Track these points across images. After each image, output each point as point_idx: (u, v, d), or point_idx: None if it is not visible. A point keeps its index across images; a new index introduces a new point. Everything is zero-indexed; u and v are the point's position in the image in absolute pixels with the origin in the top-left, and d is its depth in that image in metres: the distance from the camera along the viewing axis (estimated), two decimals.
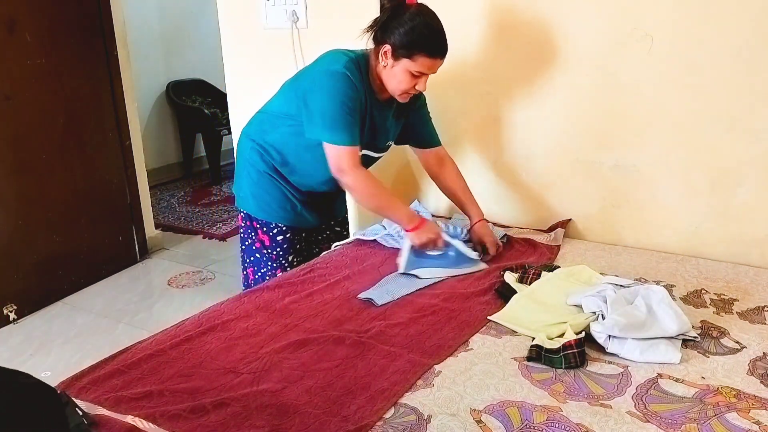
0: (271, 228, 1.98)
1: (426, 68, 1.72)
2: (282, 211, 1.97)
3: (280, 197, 1.95)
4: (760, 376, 1.26)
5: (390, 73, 1.74)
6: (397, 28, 1.69)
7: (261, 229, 1.99)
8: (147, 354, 1.36)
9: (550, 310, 1.50)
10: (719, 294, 1.63)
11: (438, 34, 1.71)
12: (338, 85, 1.71)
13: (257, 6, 2.53)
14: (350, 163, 1.74)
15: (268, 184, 1.95)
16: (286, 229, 1.99)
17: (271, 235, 1.98)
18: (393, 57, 1.71)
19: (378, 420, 1.14)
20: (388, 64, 1.73)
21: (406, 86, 1.75)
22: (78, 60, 3.07)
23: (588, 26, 1.95)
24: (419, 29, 1.68)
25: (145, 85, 4.68)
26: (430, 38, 1.69)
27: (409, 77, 1.73)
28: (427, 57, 1.69)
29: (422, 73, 1.73)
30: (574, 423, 1.12)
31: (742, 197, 1.86)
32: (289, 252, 2.02)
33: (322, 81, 1.74)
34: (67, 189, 3.08)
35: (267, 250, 2.00)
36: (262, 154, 1.93)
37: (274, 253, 2.00)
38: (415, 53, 1.68)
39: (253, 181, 1.96)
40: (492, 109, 2.20)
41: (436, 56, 1.71)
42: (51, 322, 2.87)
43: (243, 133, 2.02)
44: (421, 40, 1.68)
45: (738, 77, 1.78)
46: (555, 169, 2.13)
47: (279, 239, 1.99)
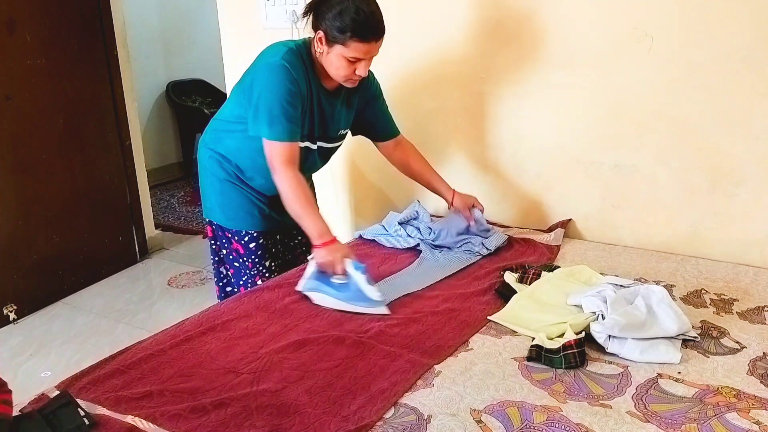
0: (242, 236, 1.90)
1: (361, 53, 1.63)
2: (249, 218, 1.89)
3: (245, 203, 1.88)
4: (760, 376, 1.26)
5: (327, 60, 1.67)
6: (326, 12, 1.62)
7: (233, 238, 1.91)
8: (147, 354, 1.36)
9: (550, 310, 1.50)
10: (719, 294, 1.63)
11: (369, 15, 1.62)
12: (275, 77, 1.65)
13: (257, 6, 2.53)
14: (282, 159, 1.67)
15: (232, 191, 1.87)
16: (258, 234, 1.90)
17: (243, 243, 1.91)
18: (327, 43, 1.65)
19: (378, 420, 1.14)
20: (324, 51, 1.66)
21: (345, 72, 1.67)
22: (78, 60, 3.07)
23: (588, 26, 1.95)
24: (348, 13, 1.59)
25: (145, 85, 4.68)
26: (360, 22, 1.60)
27: (347, 63, 1.65)
28: (360, 41, 1.61)
29: (359, 58, 1.65)
30: (574, 423, 1.12)
31: (742, 197, 1.86)
32: (265, 257, 1.93)
33: (261, 75, 1.68)
34: (67, 189, 3.08)
35: (243, 259, 1.92)
36: (220, 162, 1.87)
37: (249, 261, 1.92)
38: (347, 39, 1.61)
39: (217, 190, 1.90)
40: (492, 109, 2.19)
41: (369, 40, 1.62)
42: (51, 322, 2.87)
43: (201, 143, 1.95)
44: (351, 25, 1.60)
45: (738, 77, 1.78)
46: (555, 169, 2.13)
47: (252, 246, 1.91)
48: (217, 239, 1.98)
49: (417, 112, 2.34)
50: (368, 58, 1.67)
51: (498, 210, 2.27)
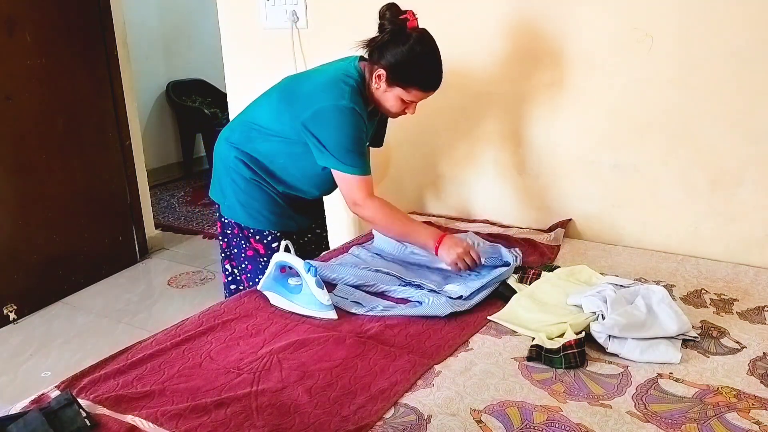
0: (265, 235, 1.90)
1: (418, 98, 1.71)
2: (273, 217, 1.90)
3: (270, 204, 1.89)
4: (760, 376, 1.26)
5: (383, 96, 1.72)
6: (394, 54, 1.64)
7: (253, 238, 1.91)
8: (147, 354, 1.36)
9: (550, 310, 1.50)
10: (719, 294, 1.63)
11: (435, 68, 1.67)
12: (348, 120, 1.68)
13: (257, 6, 2.53)
14: (364, 194, 1.73)
15: (256, 191, 1.87)
16: (281, 235, 1.90)
17: (265, 243, 1.91)
18: (386, 82, 1.68)
19: (378, 420, 1.14)
20: (381, 88, 1.70)
21: (397, 111, 1.75)
22: (78, 60, 3.07)
23: (588, 26, 1.95)
24: (417, 62, 1.65)
25: (145, 85, 4.67)
26: (426, 73, 1.67)
27: (400, 103, 1.72)
28: (421, 91, 1.68)
29: (414, 102, 1.73)
30: (574, 423, 1.12)
31: (742, 197, 1.86)
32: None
33: (331, 116, 1.69)
34: (67, 189, 3.08)
35: (261, 258, 1.92)
36: (247, 163, 1.86)
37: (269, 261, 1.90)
38: (409, 85, 1.67)
39: (240, 189, 1.88)
40: (492, 110, 2.20)
41: (429, 90, 1.70)
42: (51, 322, 2.87)
43: (224, 139, 1.93)
44: (417, 75, 1.66)
45: (738, 77, 1.78)
46: (555, 169, 2.13)
47: (275, 246, 1.89)
48: (230, 237, 1.96)
49: (417, 112, 2.33)
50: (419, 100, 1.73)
51: (498, 210, 2.27)
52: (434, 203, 2.41)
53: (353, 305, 1.58)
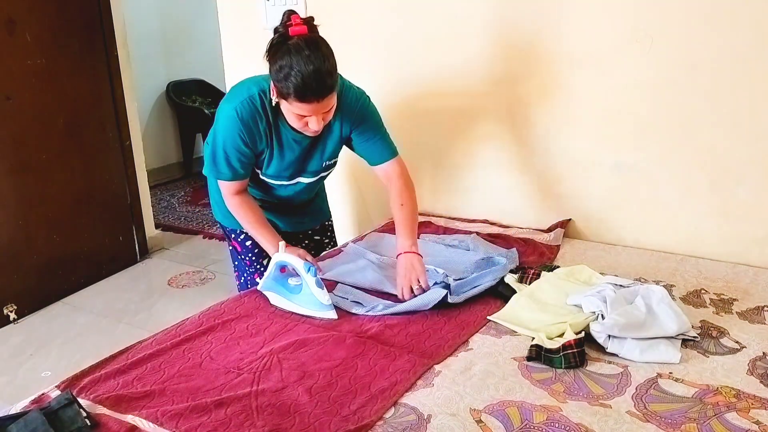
0: (238, 234, 1.91)
1: (306, 111, 1.52)
2: None
3: None
4: (760, 376, 1.26)
5: (282, 109, 1.60)
6: (272, 65, 1.51)
7: (231, 236, 1.95)
8: (147, 354, 1.37)
9: (549, 310, 1.50)
10: (719, 294, 1.63)
11: (310, 77, 1.46)
12: (223, 125, 1.66)
13: (257, 6, 2.53)
14: (227, 191, 1.76)
15: None
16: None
17: (239, 241, 1.93)
18: (277, 95, 1.55)
19: (378, 420, 1.14)
20: (276, 101, 1.59)
21: (297, 124, 1.58)
22: (78, 60, 3.07)
23: (588, 26, 1.95)
24: (286, 71, 1.47)
25: (145, 85, 4.68)
26: (300, 84, 1.46)
27: (296, 117, 1.55)
28: (297, 100, 1.50)
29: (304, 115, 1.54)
30: (574, 423, 1.12)
31: (742, 197, 1.86)
32: (262, 256, 1.89)
33: (217, 118, 1.70)
34: (67, 189, 3.08)
35: (241, 256, 1.95)
36: None
37: (247, 258, 1.94)
38: (289, 98, 1.50)
39: (215, 189, 1.87)
40: (491, 110, 2.20)
41: (311, 101, 1.49)
42: (51, 322, 2.87)
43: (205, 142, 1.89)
44: (289, 85, 1.47)
45: (738, 77, 1.78)
46: (555, 169, 2.13)
47: (248, 244, 1.91)
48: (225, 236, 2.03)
49: (417, 113, 2.34)
50: (319, 114, 1.54)
51: (498, 210, 2.27)
52: (434, 203, 2.41)
53: (353, 305, 1.58)
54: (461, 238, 2.01)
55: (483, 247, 1.91)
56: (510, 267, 1.74)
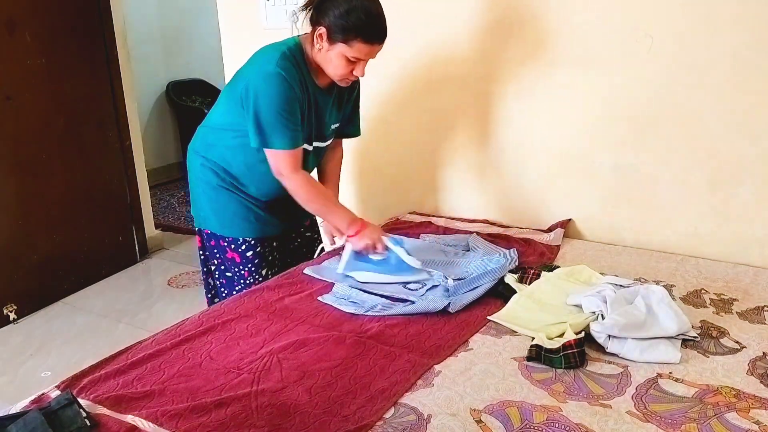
0: (240, 244, 1.85)
1: (363, 54, 1.61)
2: (246, 224, 1.85)
3: (241, 210, 1.84)
4: (760, 376, 1.26)
5: (326, 57, 1.64)
6: (332, 9, 1.57)
7: (229, 247, 1.86)
8: (147, 354, 1.36)
9: (549, 310, 1.50)
10: (719, 294, 1.63)
11: (376, 17, 1.59)
12: (272, 87, 1.62)
13: (257, 6, 2.53)
14: (290, 167, 1.69)
15: (226, 198, 1.83)
16: (255, 242, 1.86)
17: (240, 252, 1.86)
18: (328, 41, 1.61)
19: (378, 420, 1.14)
20: (323, 48, 1.63)
21: (343, 71, 1.65)
22: (78, 60, 3.07)
23: (588, 26, 1.95)
24: (356, 12, 1.56)
25: (145, 85, 4.67)
26: (367, 22, 1.57)
27: (346, 62, 1.62)
28: (364, 42, 1.59)
29: (359, 59, 1.63)
30: (574, 423, 1.12)
31: (742, 197, 1.86)
32: (261, 266, 1.89)
33: (257, 85, 1.64)
34: (67, 189, 3.08)
35: (239, 268, 1.88)
36: (213, 170, 1.83)
37: (245, 269, 1.88)
38: (351, 38, 1.58)
39: (210, 198, 1.85)
40: (491, 109, 2.20)
41: (373, 42, 1.60)
42: (51, 322, 2.87)
43: (190, 149, 1.92)
44: (357, 25, 1.56)
45: (738, 77, 1.78)
46: (555, 169, 2.13)
47: (249, 255, 1.86)
48: (207, 249, 1.93)
49: (417, 112, 2.34)
50: (367, 59, 1.65)
51: (498, 210, 2.27)
52: (434, 203, 2.41)
53: (352, 305, 1.59)
54: (461, 238, 2.01)
55: (483, 247, 1.91)
56: (509, 267, 1.74)
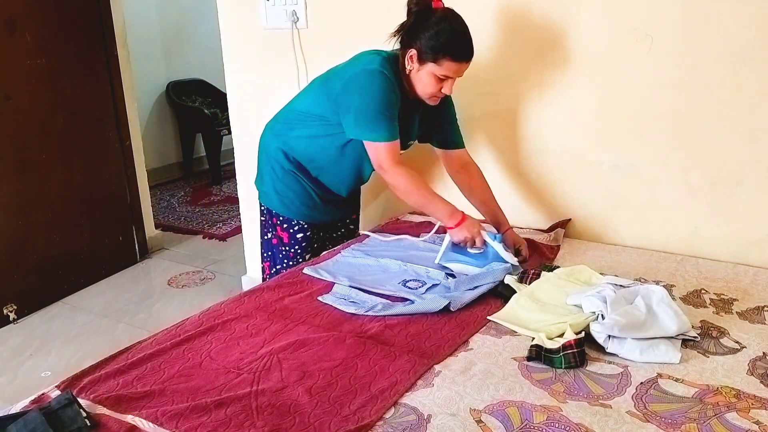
0: (293, 225, 2.00)
1: (452, 72, 1.73)
2: (304, 208, 1.99)
3: (303, 195, 1.97)
4: (760, 376, 1.26)
5: (416, 77, 1.76)
6: (423, 32, 1.70)
7: (281, 226, 2.01)
8: (147, 354, 1.36)
9: (550, 310, 1.50)
10: (719, 294, 1.63)
11: (463, 37, 1.72)
12: (375, 83, 1.73)
13: (257, 6, 2.53)
14: (390, 160, 1.76)
15: (293, 181, 1.96)
16: (307, 226, 2.01)
17: (291, 232, 2.00)
18: (419, 61, 1.73)
19: (378, 420, 1.14)
20: (414, 68, 1.75)
21: (432, 89, 1.76)
22: (78, 60, 3.06)
23: (588, 26, 1.95)
24: (445, 33, 1.69)
25: (145, 85, 4.67)
26: (455, 42, 1.70)
27: (435, 80, 1.74)
28: (453, 61, 1.71)
29: (448, 77, 1.74)
30: (574, 423, 1.12)
31: (742, 197, 1.86)
32: (307, 250, 2.03)
33: (359, 81, 1.75)
34: (67, 189, 3.08)
35: (285, 247, 2.02)
36: (287, 153, 1.95)
37: (292, 250, 2.02)
38: (440, 57, 1.70)
39: (278, 177, 1.98)
40: (492, 109, 2.20)
41: (461, 60, 1.72)
42: (51, 322, 2.87)
43: (268, 129, 2.04)
44: (446, 44, 1.69)
45: (738, 77, 1.78)
46: (555, 169, 2.13)
47: (299, 237, 2.00)
48: (265, 224, 2.07)
49: None
50: (455, 77, 1.75)
51: None
52: None
53: (353, 305, 1.59)
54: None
55: None
56: (510, 268, 1.74)
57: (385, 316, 1.53)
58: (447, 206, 1.80)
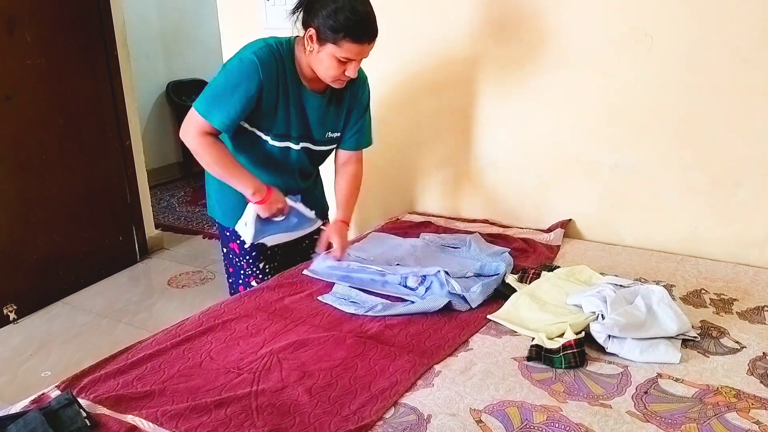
0: (238, 235, 1.85)
1: (353, 54, 1.59)
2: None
3: (241, 202, 1.81)
4: (760, 376, 1.26)
5: (316, 58, 1.63)
6: (320, 10, 1.57)
7: (230, 238, 1.92)
8: (147, 354, 1.36)
9: (549, 310, 1.50)
10: (719, 294, 1.63)
11: (364, 16, 1.58)
12: (236, 68, 1.65)
13: (257, 6, 2.53)
14: (198, 130, 1.68)
15: (230, 190, 1.80)
16: None
17: (239, 243, 1.89)
18: (317, 42, 1.60)
19: (378, 420, 1.14)
20: (314, 49, 1.62)
21: (335, 72, 1.63)
22: (78, 60, 3.06)
23: (588, 26, 1.95)
24: (344, 12, 1.55)
25: (145, 85, 4.67)
26: (355, 22, 1.55)
27: (337, 63, 1.61)
28: (353, 42, 1.57)
29: (350, 59, 1.61)
30: (574, 423, 1.12)
31: (742, 197, 1.86)
32: (259, 259, 1.92)
33: (229, 62, 1.69)
34: (67, 189, 3.08)
35: (238, 259, 1.93)
36: None
37: (244, 261, 1.93)
38: (339, 38, 1.56)
39: (216, 188, 1.89)
40: (492, 109, 2.20)
41: (362, 41, 1.58)
42: (51, 322, 2.87)
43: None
44: (346, 24, 1.55)
45: (738, 77, 1.78)
46: (555, 169, 2.13)
47: (247, 247, 1.88)
48: (221, 237, 2.01)
49: (417, 113, 2.34)
50: (359, 59, 1.63)
51: (498, 210, 2.27)
52: (434, 203, 2.41)
53: (353, 305, 1.59)
54: (461, 237, 2.01)
55: (483, 247, 1.91)
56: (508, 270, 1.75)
57: (385, 316, 1.53)
58: (251, 180, 1.71)
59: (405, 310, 1.55)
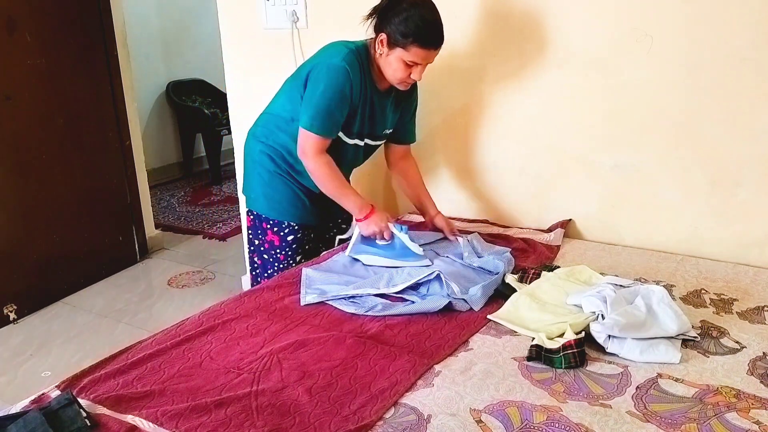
0: (283, 227, 2.00)
1: (419, 58, 1.74)
2: (293, 209, 2.00)
3: (291, 196, 1.99)
4: (760, 376, 1.26)
5: (385, 61, 1.78)
6: (393, 17, 1.72)
7: (271, 230, 2.01)
8: (147, 354, 1.36)
9: (549, 310, 1.50)
10: (719, 294, 1.63)
11: (432, 25, 1.73)
12: (331, 78, 1.76)
13: (257, 6, 2.53)
14: (314, 149, 1.81)
15: (280, 184, 1.98)
16: (298, 228, 2.01)
17: (281, 235, 2.00)
18: (388, 46, 1.75)
19: (378, 420, 1.14)
20: (384, 53, 1.77)
21: (401, 75, 1.78)
22: (78, 60, 3.07)
23: (588, 26, 1.95)
24: (414, 20, 1.70)
25: (145, 85, 4.68)
26: (423, 29, 1.71)
27: (404, 66, 1.76)
28: (420, 48, 1.72)
29: (416, 63, 1.75)
30: (574, 423, 1.12)
31: (742, 197, 1.86)
32: (297, 252, 2.04)
33: (320, 73, 1.79)
34: (67, 189, 3.08)
35: (275, 251, 2.02)
36: (271, 156, 1.97)
37: (282, 253, 2.02)
38: (408, 43, 1.71)
39: (265, 182, 1.99)
40: (492, 109, 2.20)
41: (429, 47, 1.73)
42: (51, 322, 2.87)
43: (250, 134, 2.05)
44: (415, 31, 1.70)
45: (738, 77, 1.78)
46: (555, 169, 2.13)
47: (289, 239, 2.01)
48: (255, 229, 2.07)
49: (417, 113, 2.33)
50: (425, 63, 1.77)
51: (498, 210, 2.27)
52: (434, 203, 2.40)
53: (352, 305, 1.59)
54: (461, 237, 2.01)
55: (483, 247, 1.91)
56: (507, 271, 1.75)
57: (385, 316, 1.53)
58: (358, 199, 1.86)
59: (405, 310, 1.55)
